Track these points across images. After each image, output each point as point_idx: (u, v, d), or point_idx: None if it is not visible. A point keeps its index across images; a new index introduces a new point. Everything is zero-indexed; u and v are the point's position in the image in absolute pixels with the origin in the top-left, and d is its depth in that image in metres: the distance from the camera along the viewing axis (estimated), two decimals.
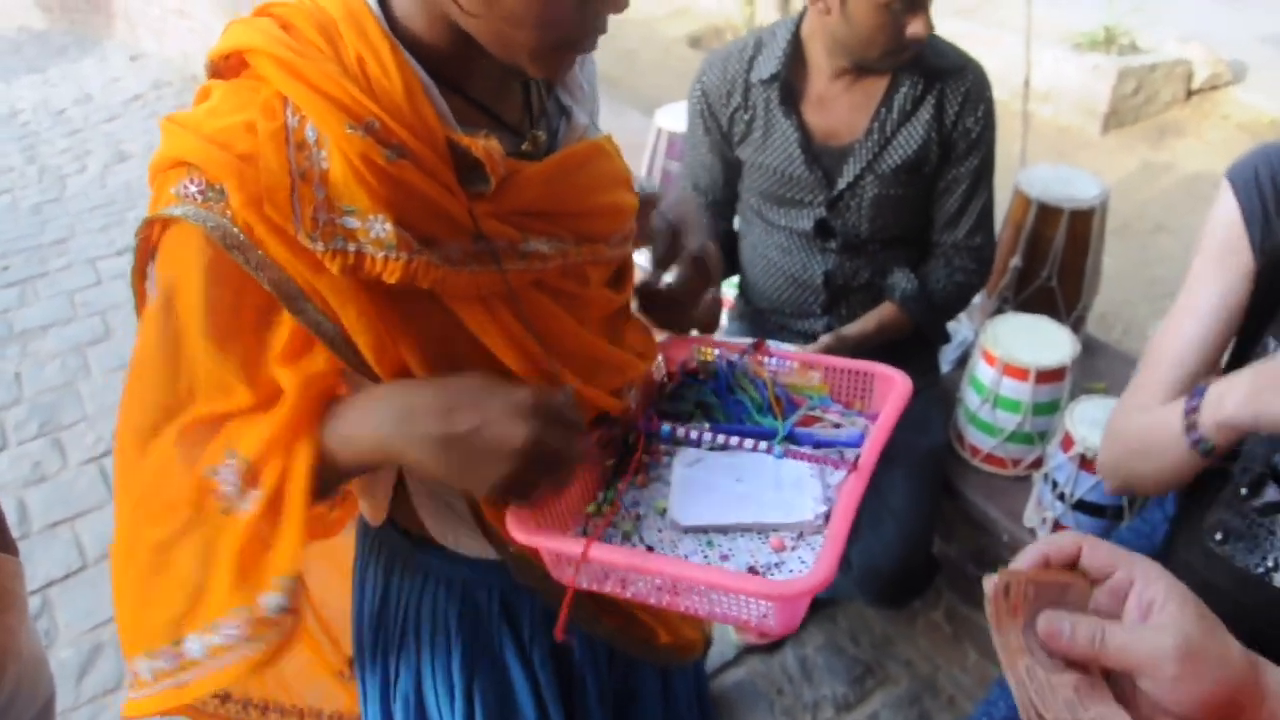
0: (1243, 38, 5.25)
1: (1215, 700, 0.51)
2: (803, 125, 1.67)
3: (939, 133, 1.64)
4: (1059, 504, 1.63)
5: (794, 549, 0.83)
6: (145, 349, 0.76)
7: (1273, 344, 1.05)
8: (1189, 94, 5.04)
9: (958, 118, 1.63)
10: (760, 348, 1.02)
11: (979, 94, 1.63)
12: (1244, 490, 1.01)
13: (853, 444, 0.92)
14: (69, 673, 2.12)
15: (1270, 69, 5.03)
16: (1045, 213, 1.98)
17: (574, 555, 0.77)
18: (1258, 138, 4.52)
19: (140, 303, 0.79)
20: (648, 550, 0.83)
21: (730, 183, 1.85)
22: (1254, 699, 0.52)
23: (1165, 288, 3.49)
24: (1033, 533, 1.72)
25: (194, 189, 0.71)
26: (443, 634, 1.01)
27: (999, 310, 2.07)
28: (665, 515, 0.86)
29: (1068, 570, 0.56)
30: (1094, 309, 2.18)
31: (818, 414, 0.97)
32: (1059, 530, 1.67)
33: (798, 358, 1.02)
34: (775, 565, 0.81)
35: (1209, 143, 4.74)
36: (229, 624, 0.74)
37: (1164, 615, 0.52)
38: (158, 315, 0.74)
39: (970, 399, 1.81)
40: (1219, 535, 1.05)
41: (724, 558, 0.83)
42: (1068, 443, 1.60)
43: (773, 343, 1.04)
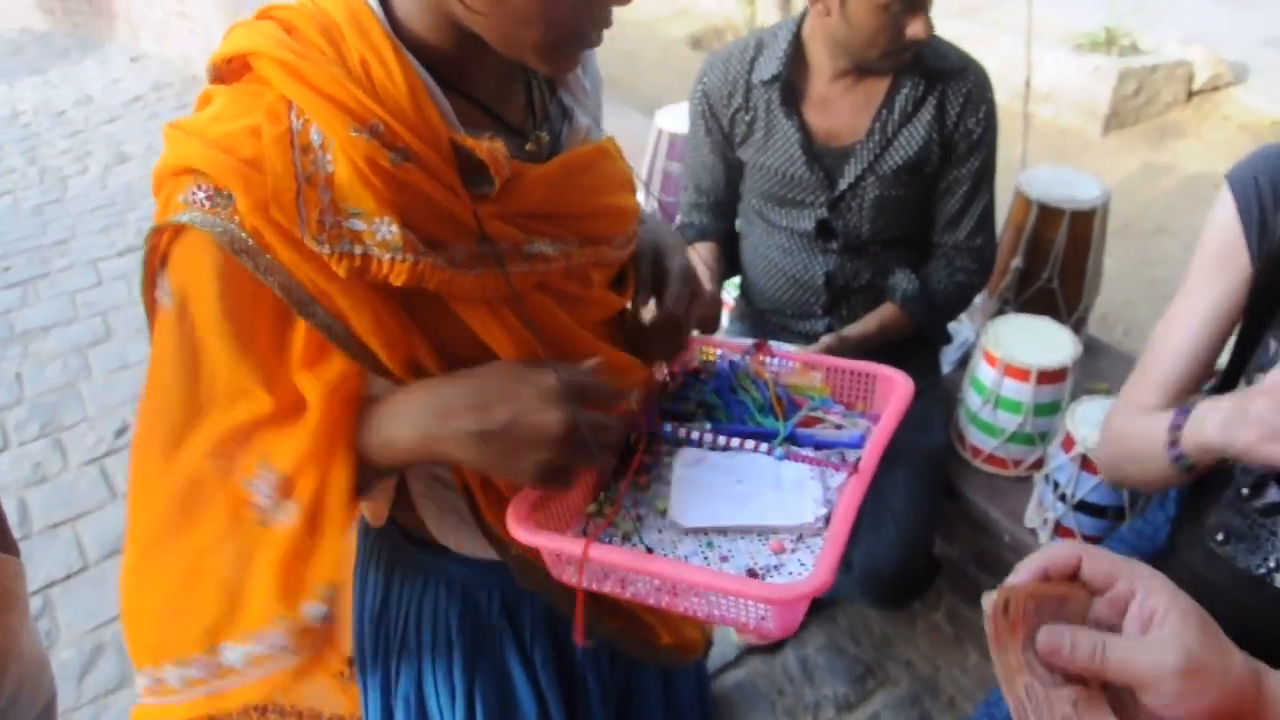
0: (1244, 39, 5.25)
1: (1218, 714, 0.51)
2: (804, 126, 1.67)
3: (940, 134, 1.64)
4: (1060, 505, 1.63)
5: (793, 551, 0.83)
6: (162, 357, 0.75)
7: (1274, 345, 1.05)
8: (1190, 95, 5.04)
9: (959, 119, 1.63)
10: (762, 348, 1.02)
11: (980, 95, 1.63)
12: (1245, 491, 1.01)
13: (854, 445, 0.91)
14: (70, 673, 2.12)
15: (1271, 70, 5.03)
16: (1046, 214, 1.98)
17: (574, 555, 0.77)
18: (1259, 139, 4.52)
19: (152, 313, 0.78)
20: (647, 551, 0.83)
21: (732, 184, 1.85)
22: (1257, 710, 0.52)
23: (1166, 288, 3.49)
24: (1034, 533, 1.72)
25: (201, 195, 0.70)
26: (444, 635, 1.01)
27: (1000, 311, 2.07)
28: (665, 516, 0.86)
29: (1067, 582, 0.55)
30: (1095, 310, 2.18)
31: (819, 415, 0.96)
32: (1060, 531, 1.67)
33: (800, 358, 1.02)
34: (775, 567, 0.81)
35: (1210, 144, 4.74)
36: (272, 633, 0.74)
37: (1165, 628, 0.51)
38: (173, 323, 0.73)
39: (971, 400, 1.81)
40: (1220, 536, 1.06)
41: (724, 559, 0.82)
42: (1069, 443, 1.60)
43: (775, 343, 1.04)
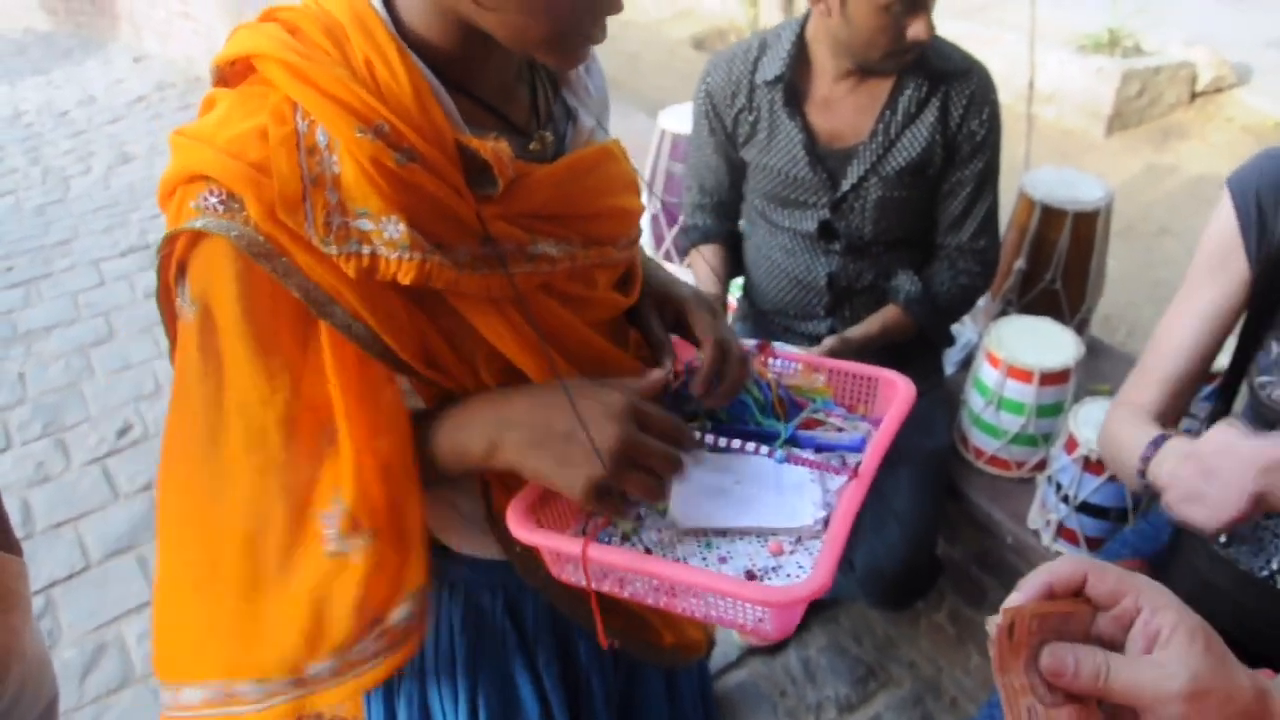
0: (1247, 40, 5.25)
1: None
2: (807, 127, 1.67)
3: (943, 135, 1.63)
4: (1063, 506, 1.63)
5: (792, 553, 0.83)
6: (188, 364, 0.75)
7: (1275, 347, 1.05)
8: (1193, 96, 5.04)
9: (962, 120, 1.63)
10: (765, 349, 1.02)
11: (984, 96, 1.63)
12: None
13: (855, 449, 0.91)
14: (72, 673, 2.12)
15: (1275, 72, 5.03)
16: (1049, 215, 1.98)
17: (573, 555, 0.77)
18: (1262, 140, 4.52)
19: (170, 322, 0.77)
20: (646, 551, 0.83)
21: (735, 184, 1.85)
22: None
23: (1169, 290, 3.46)
24: (1036, 535, 1.72)
25: (214, 200, 0.70)
26: (446, 636, 1.01)
27: (1003, 312, 2.07)
28: (665, 516, 0.86)
29: (1071, 599, 0.55)
30: (1098, 311, 2.18)
31: (821, 417, 0.96)
32: (1063, 533, 1.66)
33: (803, 359, 1.02)
34: (773, 569, 0.81)
35: (1213, 145, 4.74)
36: (360, 643, 0.76)
37: (1170, 649, 0.51)
38: (196, 330, 0.73)
39: (974, 401, 1.81)
40: (1223, 538, 1.06)
41: (722, 560, 0.83)
42: (1072, 445, 1.60)
43: (778, 344, 1.04)
